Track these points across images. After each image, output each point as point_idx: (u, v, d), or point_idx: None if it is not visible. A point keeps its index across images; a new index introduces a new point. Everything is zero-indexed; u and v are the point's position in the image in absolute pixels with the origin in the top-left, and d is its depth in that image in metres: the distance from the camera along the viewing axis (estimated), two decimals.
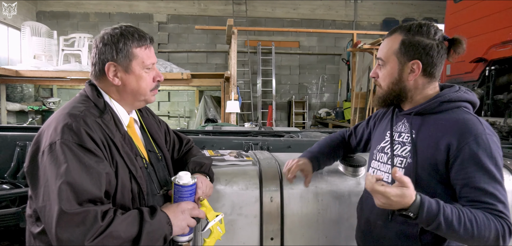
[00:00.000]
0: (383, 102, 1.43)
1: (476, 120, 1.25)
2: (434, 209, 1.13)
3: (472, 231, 1.13)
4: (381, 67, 1.41)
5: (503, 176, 1.22)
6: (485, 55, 3.94)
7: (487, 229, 1.14)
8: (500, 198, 1.18)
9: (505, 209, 1.17)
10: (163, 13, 10.77)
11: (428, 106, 1.34)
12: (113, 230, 1.07)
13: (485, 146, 1.19)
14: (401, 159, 1.36)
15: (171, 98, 11.01)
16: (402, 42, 1.34)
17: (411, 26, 1.34)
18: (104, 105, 1.29)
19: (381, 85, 1.42)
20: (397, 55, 1.35)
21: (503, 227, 1.15)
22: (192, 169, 1.49)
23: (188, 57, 10.89)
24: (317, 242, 1.78)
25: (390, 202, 1.13)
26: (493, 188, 1.18)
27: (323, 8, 11.26)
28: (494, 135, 1.24)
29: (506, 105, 3.85)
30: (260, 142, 2.65)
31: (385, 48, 1.39)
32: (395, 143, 1.41)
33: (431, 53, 1.31)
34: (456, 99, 1.32)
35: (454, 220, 1.13)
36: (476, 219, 1.14)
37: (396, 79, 1.36)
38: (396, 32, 1.37)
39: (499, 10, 3.88)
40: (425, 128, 1.33)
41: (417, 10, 11.52)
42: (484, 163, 1.18)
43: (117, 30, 1.29)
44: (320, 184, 1.79)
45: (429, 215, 1.13)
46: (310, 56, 11.39)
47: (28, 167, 1.17)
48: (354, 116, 8.46)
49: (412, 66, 1.33)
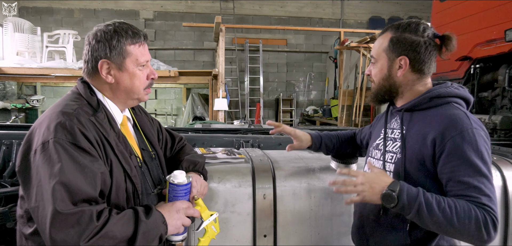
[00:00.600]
0: (375, 98, 1.48)
1: (463, 115, 1.27)
2: (414, 190, 1.19)
3: (451, 217, 1.14)
4: (373, 65, 1.46)
5: (490, 170, 1.22)
6: (470, 53, 4.02)
7: (467, 217, 1.14)
8: (484, 191, 1.18)
9: (489, 202, 1.17)
10: (150, 10, 10.65)
11: (418, 102, 1.37)
12: (108, 230, 1.05)
13: (470, 139, 1.20)
14: (392, 154, 1.40)
15: (158, 96, 10.92)
16: (390, 40, 1.39)
17: (400, 25, 1.39)
18: (97, 104, 1.27)
19: (374, 81, 1.47)
20: (386, 52, 1.40)
21: (485, 217, 1.14)
22: (186, 167, 1.48)
23: (175, 55, 10.81)
24: (309, 238, 1.79)
25: (369, 182, 1.23)
26: (478, 181, 1.18)
27: (310, 6, 11.30)
28: (482, 130, 1.25)
29: (490, 103, 3.94)
30: (251, 139, 2.64)
31: (377, 46, 1.45)
32: (388, 139, 1.45)
33: (418, 49, 1.35)
34: (445, 95, 1.34)
35: (434, 203, 1.16)
36: (456, 206, 1.15)
37: (386, 75, 1.41)
38: (387, 31, 1.42)
39: (484, 9, 3.96)
40: (414, 124, 1.36)
41: (403, 9, 11.67)
42: (469, 157, 1.19)
43: (111, 26, 1.27)
44: (312, 181, 1.80)
45: (409, 195, 1.17)
46: (298, 54, 11.42)
47: (20, 166, 1.14)
48: (341, 114, 8.53)
49: (400, 62, 1.37)
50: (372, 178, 1.24)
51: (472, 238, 1.17)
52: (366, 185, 1.24)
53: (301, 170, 1.84)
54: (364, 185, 1.24)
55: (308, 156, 2.05)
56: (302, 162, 1.91)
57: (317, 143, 1.79)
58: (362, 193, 1.25)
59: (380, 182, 1.22)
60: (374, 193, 1.23)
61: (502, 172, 1.93)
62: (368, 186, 1.24)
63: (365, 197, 1.25)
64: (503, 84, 3.63)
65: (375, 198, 1.23)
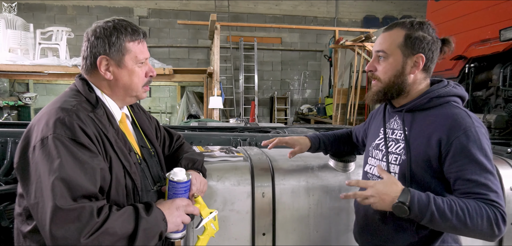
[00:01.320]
0: (384, 96, 1.42)
1: (464, 114, 1.28)
2: (424, 198, 1.19)
3: (465, 219, 1.16)
4: (382, 61, 1.40)
5: (494, 166, 1.25)
6: (465, 52, 4.05)
7: (479, 216, 1.17)
8: (492, 187, 1.21)
9: (497, 198, 1.20)
10: (144, 7, 10.58)
11: (418, 103, 1.37)
12: (109, 226, 1.04)
13: (474, 138, 1.22)
14: (395, 156, 1.39)
15: (152, 94, 10.86)
16: (406, 36, 1.35)
17: (413, 22, 1.37)
18: (96, 100, 1.26)
19: (381, 78, 1.41)
20: (401, 48, 1.36)
21: (495, 214, 1.18)
22: (185, 165, 1.47)
23: (169, 52, 10.76)
24: (308, 237, 1.79)
25: (379, 194, 1.22)
26: (485, 178, 1.21)
27: (305, 4, 11.32)
28: (483, 127, 1.27)
29: (484, 102, 3.97)
30: (248, 137, 2.64)
31: (387, 41, 1.39)
32: (389, 140, 1.44)
33: (433, 48, 1.35)
34: (445, 94, 1.35)
35: (446, 209, 1.17)
36: (468, 208, 1.17)
37: (399, 72, 1.36)
38: (397, 27, 1.38)
39: (478, 9, 4.00)
40: (416, 124, 1.36)
41: (397, 8, 11.74)
42: (475, 155, 1.21)
43: (110, 23, 1.26)
44: (311, 179, 1.80)
45: (421, 205, 1.18)
46: (292, 52, 11.43)
47: (18, 163, 1.13)
48: (336, 113, 8.56)
49: (416, 60, 1.35)
50: (382, 189, 1.23)
51: (485, 235, 1.20)
52: (376, 197, 1.24)
53: (300, 168, 1.84)
54: (374, 197, 1.24)
55: (307, 154, 2.04)
56: (301, 160, 1.91)
57: (315, 144, 1.79)
58: (373, 205, 1.25)
59: (390, 193, 1.22)
60: (384, 205, 1.23)
61: (497, 170, 1.94)
62: (378, 198, 1.23)
63: (375, 207, 1.25)
64: (497, 84, 3.67)
65: (386, 208, 1.24)
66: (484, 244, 1.90)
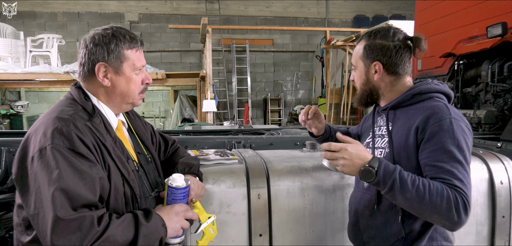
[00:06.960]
0: (359, 101, 1.57)
1: (443, 106, 1.34)
2: (391, 167, 1.24)
3: (424, 194, 1.19)
4: (354, 71, 1.57)
5: (467, 159, 1.27)
6: (454, 50, 4.09)
7: (439, 196, 1.19)
8: (458, 175, 1.22)
9: (462, 185, 1.21)
10: (135, 12, 10.57)
11: (401, 99, 1.45)
12: (109, 234, 1.06)
13: (447, 128, 1.27)
14: (380, 150, 1.48)
15: (145, 99, 10.71)
16: (364, 47, 1.49)
17: (372, 31, 1.49)
18: (92, 108, 1.27)
19: (356, 87, 1.58)
20: (362, 59, 1.51)
21: (456, 198, 1.19)
22: (181, 170, 1.49)
23: (161, 57, 10.75)
24: (304, 236, 1.82)
25: (351, 156, 1.27)
26: (451, 166, 1.24)
27: (296, 6, 11.37)
28: (462, 121, 1.32)
29: (474, 98, 4.02)
30: (242, 140, 2.66)
31: (355, 54, 1.55)
32: (376, 136, 1.54)
33: (388, 53, 1.44)
34: (426, 91, 1.42)
35: (409, 181, 1.22)
36: (430, 185, 1.21)
37: (365, 80, 1.51)
38: (362, 39, 1.52)
39: (466, 7, 4.05)
40: (399, 119, 1.44)
41: (386, 7, 11.84)
42: (444, 143, 1.25)
43: (109, 31, 1.28)
44: (305, 179, 1.82)
45: (386, 171, 1.23)
46: (284, 53, 11.48)
47: (16, 174, 1.14)
48: (329, 112, 8.61)
49: (375, 67, 1.46)
50: (354, 153, 1.28)
51: (442, 218, 1.21)
52: (347, 160, 1.28)
53: (294, 169, 1.87)
54: (345, 160, 1.28)
55: (301, 155, 2.08)
56: (295, 161, 1.94)
57: (327, 132, 1.84)
58: (342, 167, 1.30)
59: (363, 158, 1.27)
60: (354, 168, 1.28)
61: (488, 165, 1.98)
62: (349, 161, 1.28)
63: (345, 169, 1.30)
64: (486, 80, 3.71)
65: (353, 172, 1.29)
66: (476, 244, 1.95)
